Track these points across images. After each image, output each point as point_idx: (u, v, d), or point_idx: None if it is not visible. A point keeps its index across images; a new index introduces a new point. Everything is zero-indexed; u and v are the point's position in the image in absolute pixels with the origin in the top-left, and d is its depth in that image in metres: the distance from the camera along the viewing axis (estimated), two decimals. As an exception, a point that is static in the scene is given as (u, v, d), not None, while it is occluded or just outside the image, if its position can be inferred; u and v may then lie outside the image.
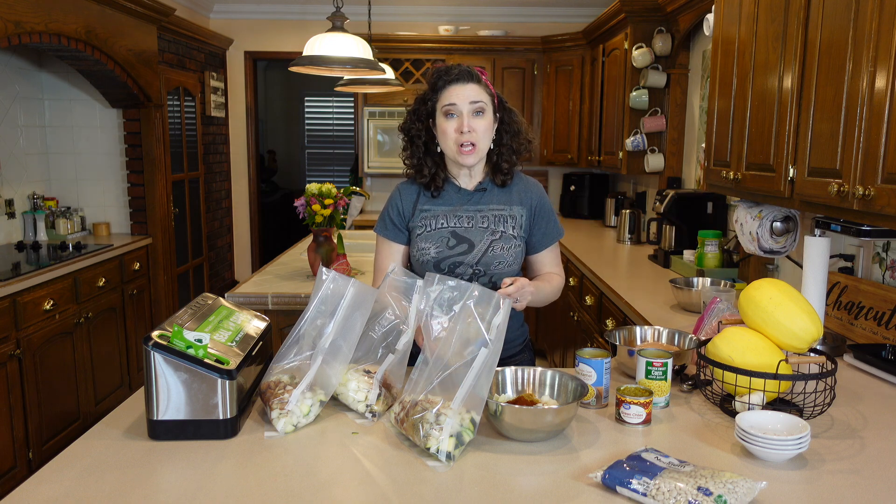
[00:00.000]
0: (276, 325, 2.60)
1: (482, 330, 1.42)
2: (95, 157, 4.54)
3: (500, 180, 1.88)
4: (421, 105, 1.85)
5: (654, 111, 4.27)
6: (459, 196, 1.88)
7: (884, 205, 1.59)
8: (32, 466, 3.18)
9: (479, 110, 1.78)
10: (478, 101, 1.78)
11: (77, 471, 1.28)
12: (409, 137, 1.87)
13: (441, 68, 1.82)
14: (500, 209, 1.87)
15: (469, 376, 1.37)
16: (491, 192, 1.89)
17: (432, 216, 1.87)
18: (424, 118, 1.85)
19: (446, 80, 1.78)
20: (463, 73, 1.79)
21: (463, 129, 1.76)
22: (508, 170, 1.88)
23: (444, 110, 1.78)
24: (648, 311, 2.59)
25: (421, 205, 1.89)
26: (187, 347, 1.38)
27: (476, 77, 1.80)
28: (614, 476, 1.20)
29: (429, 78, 1.85)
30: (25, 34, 3.17)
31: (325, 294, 1.59)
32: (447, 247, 1.84)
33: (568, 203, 5.82)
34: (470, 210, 1.86)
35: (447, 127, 1.78)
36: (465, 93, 1.77)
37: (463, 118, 1.77)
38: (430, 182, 1.87)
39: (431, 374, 1.41)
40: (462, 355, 1.41)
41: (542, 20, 5.97)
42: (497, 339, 1.42)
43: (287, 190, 8.59)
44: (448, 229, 1.85)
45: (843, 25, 1.76)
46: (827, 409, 1.53)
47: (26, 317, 3.16)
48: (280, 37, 6.12)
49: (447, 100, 1.78)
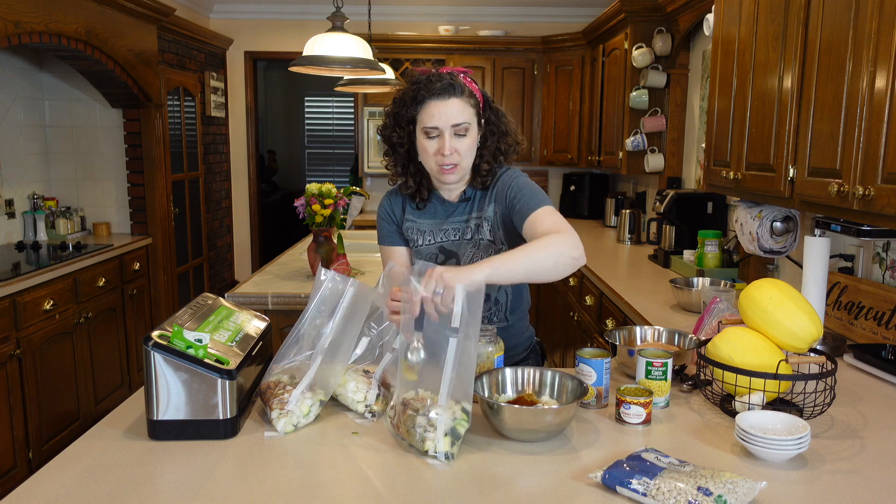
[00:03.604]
0: (276, 325, 2.60)
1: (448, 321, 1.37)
2: (95, 157, 4.54)
3: (479, 182, 1.76)
4: (401, 108, 1.71)
5: (654, 111, 4.27)
6: (444, 208, 1.81)
7: (884, 205, 1.59)
8: (32, 466, 3.18)
9: (462, 131, 1.66)
10: (460, 122, 1.65)
11: (77, 471, 1.28)
12: (391, 146, 1.76)
13: (421, 78, 1.68)
14: (478, 216, 1.77)
15: (447, 369, 1.36)
16: (474, 199, 1.79)
17: (419, 230, 1.82)
18: (405, 124, 1.71)
19: (426, 94, 1.65)
20: (445, 86, 1.64)
21: (444, 150, 1.65)
22: (488, 171, 1.75)
23: (424, 130, 1.67)
24: (648, 311, 2.59)
25: (408, 213, 1.84)
26: (187, 347, 1.38)
27: (459, 89, 1.65)
28: (614, 476, 1.19)
29: (408, 80, 1.70)
30: (25, 34, 3.17)
31: (325, 294, 1.59)
32: (436, 263, 1.76)
33: (568, 203, 5.83)
34: (455, 222, 1.79)
35: (428, 146, 1.67)
36: (447, 112, 1.64)
37: (444, 140, 1.65)
38: (416, 193, 1.80)
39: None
40: (435, 350, 1.39)
41: (542, 20, 5.97)
42: (465, 325, 1.35)
43: (287, 190, 8.60)
44: (435, 245, 1.80)
45: (843, 25, 1.76)
46: (827, 409, 1.53)
47: (26, 317, 3.16)
48: (280, 37, 6.12)
49: (428, 120, 1.65)
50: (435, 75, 1.68)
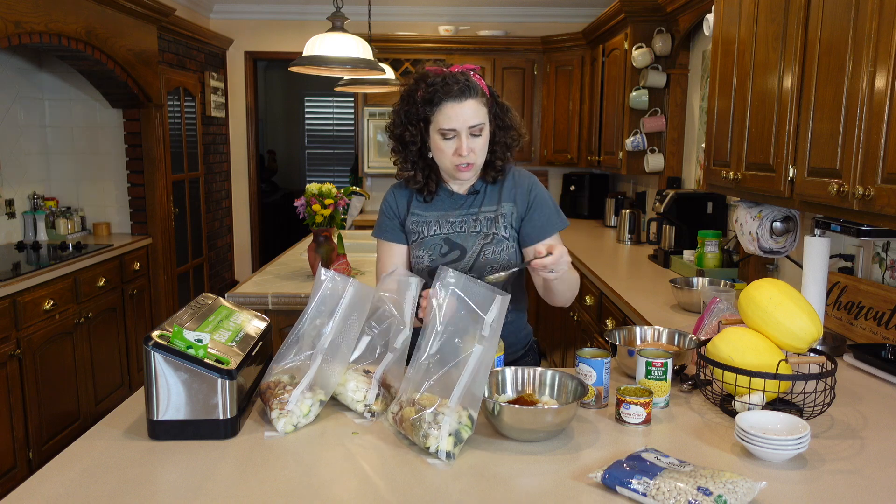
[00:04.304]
0: (276, 325, 2.60)
1: (477, 327, 1.41)
2: (95, 157, 4.54)
3: (491, 177, 1.81)
4: (412, 107, 1.72)
5: (654, 111, 4.27)
6: (452, 200, 1.83)
7: (884, 205, 1.59)
8: (32, 466, 3.18)
9: (477, 132, 1.70)
10: (476, 123, 1.69)
11: (77, 471, 1.28)
12: (403, 143, 1.77)
13: (437, 80, 1.69)
14: (491, 210, 1.81)
15: (465, 375, 1.37)
16: (483, 193, 1.83)
17: (424, 222, 1.83)
18: (416, 122, 1.72)
19: (443, 96, 1.66)
20: (462, 89, 1.66)
21: (462, 152, 1.69)
22: (501, 167, 1.80)
23: (440, 131, 1.69)
24: (648, 311, 2.59)
25: (413, 208, 1.85)
26: (187, 347, 1.38)
27: (474, 90, 1.68)
28: (614, 476, 1.19)
29: (421, 80, 1.72)
30: (25, 34, 3.17)
31: (325, 294, 1.59)
32: (440, 254, 1.80)
33: (568, 203, 5.83)
34: (463, 214, 1.82)
35: (444, 146, 1.70)
36: (463, 114, 1.67)
37: (462, 141, 1.68)
38: (424, 187, 1.82)
39: (428, 373, 1.41)
40: (457, 353, 1.41)
41: (542, 20, 5.97)
42: (491, 336, 1.41)
43: (287, 190, 8.59)
44: (441, 236, 1.81)
45: (843, 25, 1.76)
46: (827, 409, 1.53)
47: (26, 317, 3.16)
48: (280, 37, 6.12)
49: (444, 122, 1.67)
50: (451, 76, 1.69)
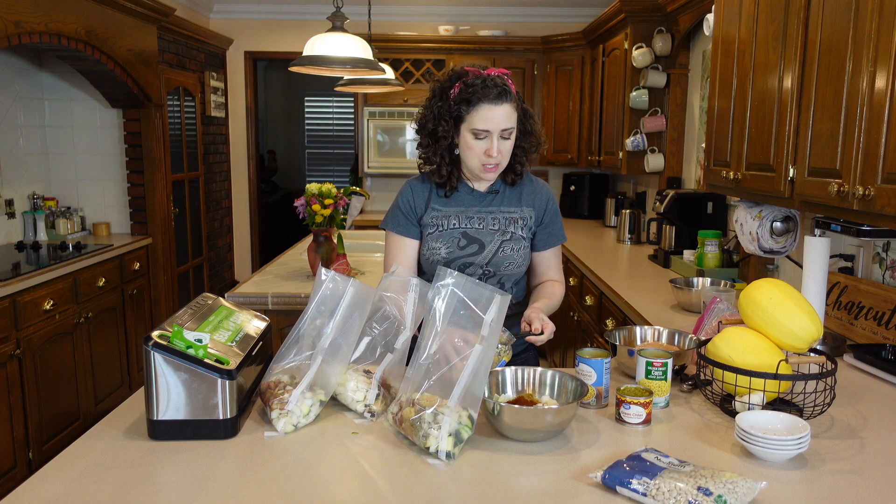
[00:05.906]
0: (276, 325, 2.60)
1: (477, 327, 1.42)
2: (95, 157, 4.54)
3: (511, 179, 1.88)
4: (444, 102, 1.76)
5: (654, 111, 4.27)
6: (472, 197, 1.88)
7: (884, 205, 1.59)
8: (32, 466, 3.18)
9: (507, 135, 1.76)
10: (508, 127, 1.74)
11: (77, 471, 1.28)
12: (434, 138, 1.80)
13: (476, 80, 1.72)
14: (510, 211, 1.88)
15: (464, 375, 1.38)
16: (502, 193, 1.89)
17: (444, 216, 1.87)
18: (448, 118, 1.77)
19: (481, 97, 1.71)
20: (500, 93, 1.71)
21: (492, 152, 1.74)
22: (521, 170, 1.88)
23: (473, 131, 1.74)
24: (648, 311, 2.59)
25: (433, 203, 1.88)
26: (187, 347, 1.38)
27: (509, 95, 1.73)
28: (614, 476, 1.19)
29: (457, 78, 1.75)
30: (25, 34, 3.17)
31: (325, 294, 1.59)
32: (458, 247, 1.84)
33: (568, 203, 5.82)
34: (482, 212, 1.87)
35: (475, 146, 1.75)
36: (498, 117, 1.72)
37: (493, 142, 1.74)
38: (446, 182, 1.86)
39: (428, 373, 1.41)
40: (457, 353, 1.41)
41: (542, 20, 5.97)
42: (491, 335, 1.42)
43: (287, 190, 8.59)
44: (459, 230, 1.85)
45: (843, 25, 1.76)
46: (827, 409, 1.53)
47: (26, 317, 3.16)
48: (280, 37, 6.12)
49: (479, 122, 1.72)
50: (489, 79, 1.73)
